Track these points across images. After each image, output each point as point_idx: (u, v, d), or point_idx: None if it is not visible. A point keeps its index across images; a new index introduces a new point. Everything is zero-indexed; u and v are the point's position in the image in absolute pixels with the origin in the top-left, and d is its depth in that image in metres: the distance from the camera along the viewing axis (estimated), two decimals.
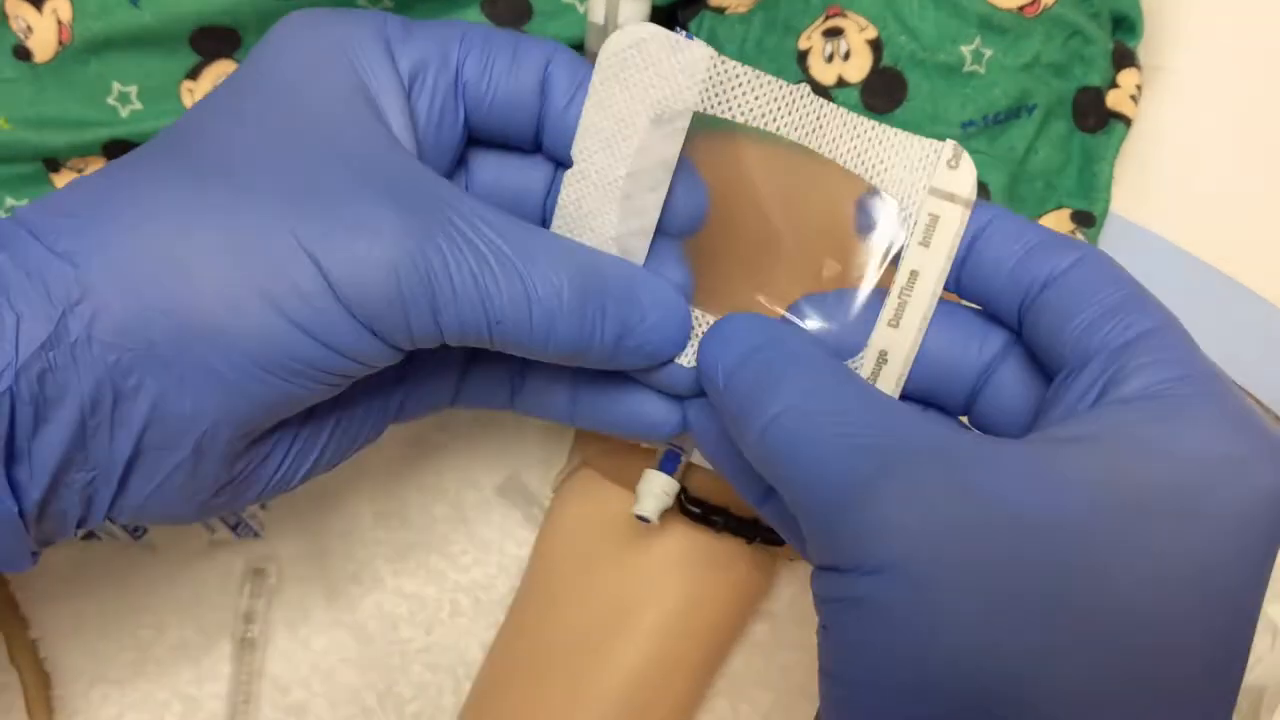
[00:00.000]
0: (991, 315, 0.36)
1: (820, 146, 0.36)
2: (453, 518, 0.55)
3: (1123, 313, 0.32)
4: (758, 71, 0.35)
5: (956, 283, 0.36)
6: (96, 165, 0.49)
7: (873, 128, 0.36)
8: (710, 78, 0.35)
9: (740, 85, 0.35)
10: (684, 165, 0.36)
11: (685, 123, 0.35)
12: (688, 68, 0.35)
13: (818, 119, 0.36)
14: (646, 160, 0.35)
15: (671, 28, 0.51)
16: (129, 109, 0.49)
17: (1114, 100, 0.47)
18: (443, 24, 0.36)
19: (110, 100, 0.49)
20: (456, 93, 0.36)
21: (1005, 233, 0.35)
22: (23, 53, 0.48)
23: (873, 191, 0.36)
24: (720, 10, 0.49)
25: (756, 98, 0.35)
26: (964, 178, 0.35)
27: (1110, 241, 0.48)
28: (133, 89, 0.49)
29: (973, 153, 0.44)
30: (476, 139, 0.38)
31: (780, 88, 0.35)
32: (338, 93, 0.34)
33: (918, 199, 0.35)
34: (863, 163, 0.36)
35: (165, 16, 0.47)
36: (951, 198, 0.35)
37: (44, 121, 0.49)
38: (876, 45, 0.44)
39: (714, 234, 0.38)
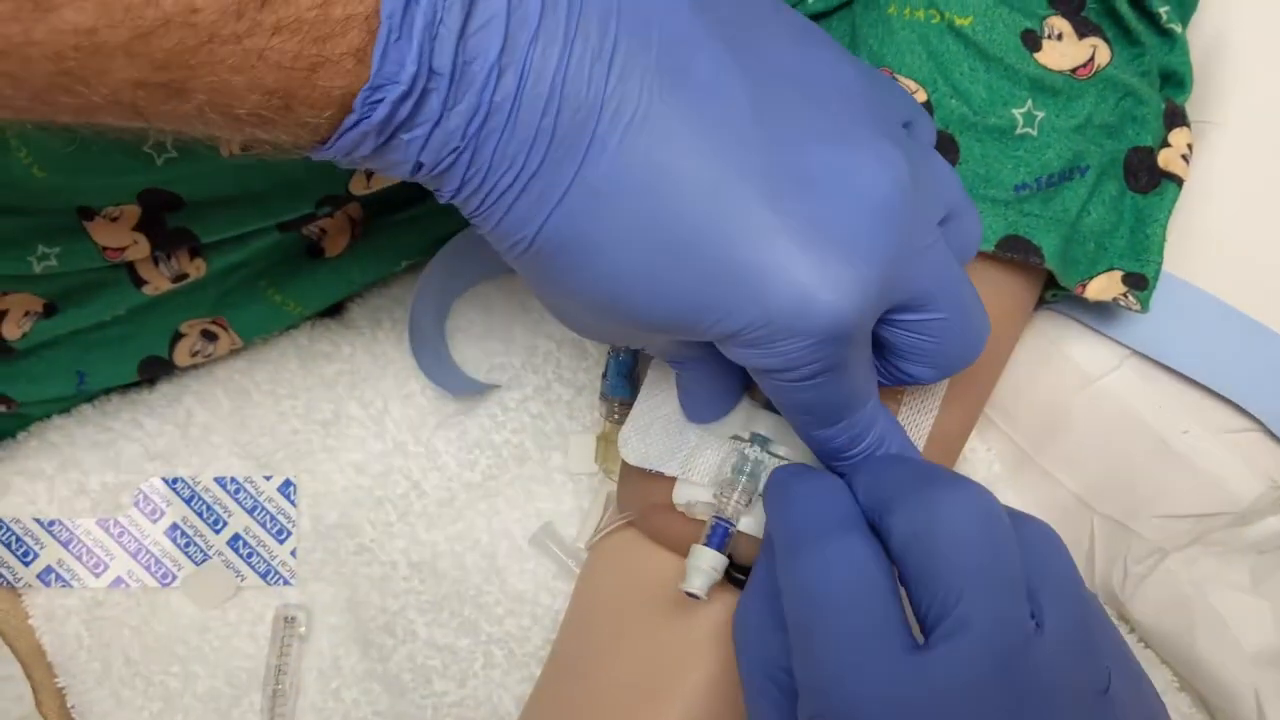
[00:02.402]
0: None
1: None
2: (485, 568, 0.55)
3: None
4: None
5: None
6: (132, 214, 0.49)
7: None
8: None
9: None
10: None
11: None
12: None
13: None
14: None
15: None
16: (165, 157, 0.48)
17: (1165, 160, 0.47)
18: None
19: (146, 148, 0.48)
20: None
21: None
22: None
23: None
24: None
25: None
26: None
27: (1162, 300, 0.47)
28: (169, 137, 0.48)
29: (1026, 215, 0.44)
30: None
31: None
32: None
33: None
34: None
35: None
36: None
37: (79, 169, 0.48)
38: (927, 108, 0.44)
39: None
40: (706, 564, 0.41)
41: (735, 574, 0.44)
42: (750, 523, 0.43)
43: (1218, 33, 0.50)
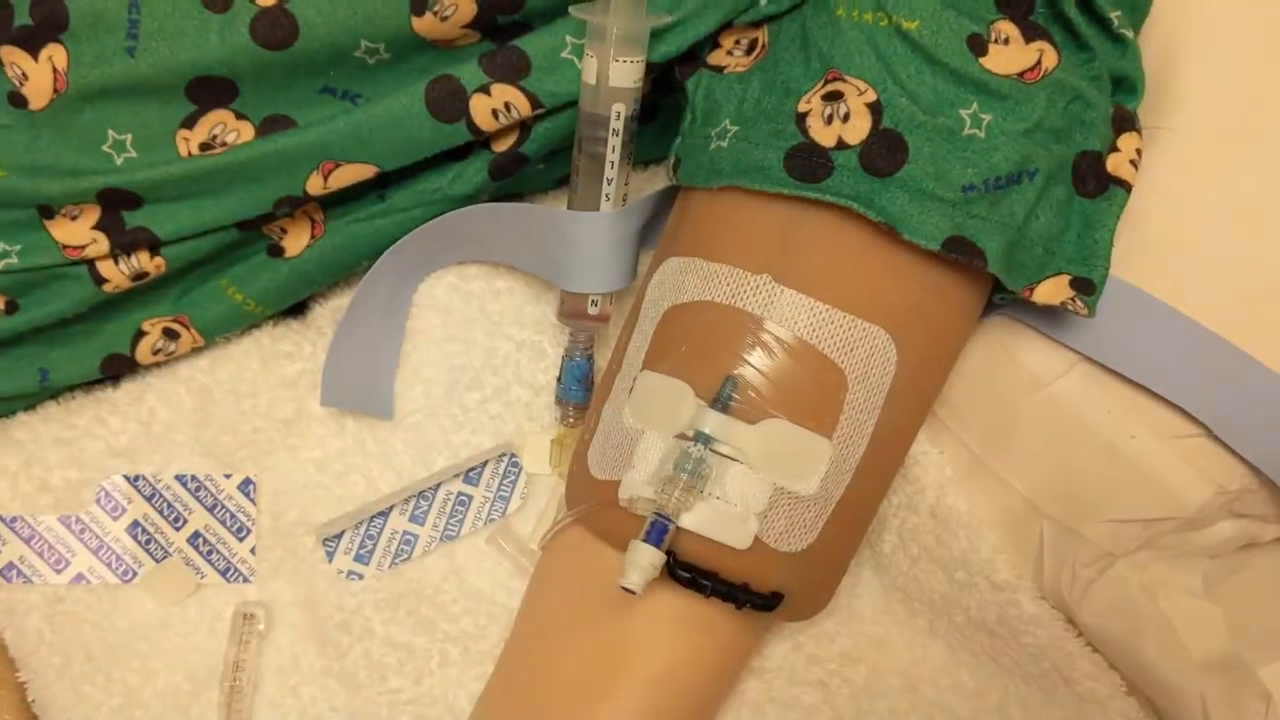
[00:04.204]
0: None
1: (780, 320, 0.44)
2: (444, 566, 0.55)
3: None
4: (730, 267, 0.45)
5: None
6: (91, 212, 0.49)
7: (823, 309, 0.43)
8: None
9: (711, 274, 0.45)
10: None
11: None
12: None
13: (779, 298, 0.44)
14: None
15: (669, 86, 0.51)
16: (124, 157, 0.49)
17: (1114, 165, 0.47)
18: None
19: (106, 148, 0.49)
20: None
21: None
22: (18, 100, 0.47)
23: None
24: (718, 69, 0.48)
25: (726, 283, 0.45)
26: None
27: (1111, 305, 0.47)
28: (128, 137, 0.49)
29: (972, 217, 0.44)
30: None
31: (747, 277, 0.44)
32: None
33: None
34: (816, 338, 0.43)
35: (161, 66, 0.47)
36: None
37: (39, 169, 0.48)
38: (876, 108, 0.44)
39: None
40: (644, 560, 0.42)
41: (679, 572, 0.44)
42: (693, 519, 0.43)
43: (1171, 38, 0.51)
